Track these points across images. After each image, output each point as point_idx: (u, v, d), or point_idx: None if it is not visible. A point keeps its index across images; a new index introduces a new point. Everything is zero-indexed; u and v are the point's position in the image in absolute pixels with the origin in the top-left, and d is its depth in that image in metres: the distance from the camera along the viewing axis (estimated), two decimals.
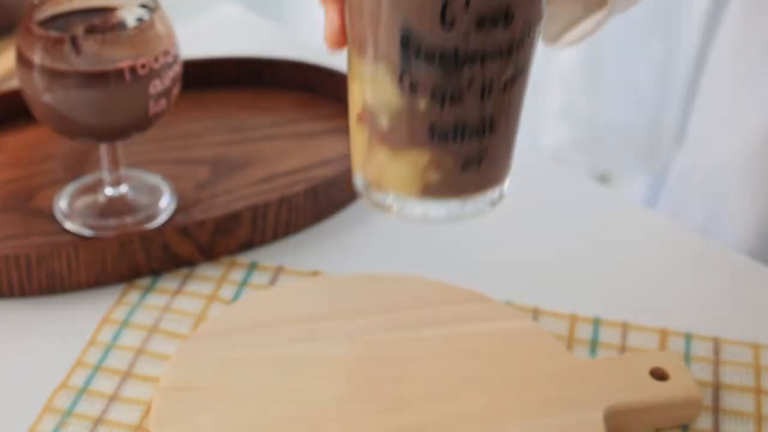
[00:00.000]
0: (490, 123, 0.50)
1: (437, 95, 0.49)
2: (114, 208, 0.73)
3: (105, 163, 0.72)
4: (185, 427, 0.57)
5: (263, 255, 0.72)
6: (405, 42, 0.48)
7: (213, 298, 0.68)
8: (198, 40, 0.93)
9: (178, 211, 0.73)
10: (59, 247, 0.67)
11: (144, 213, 0.72)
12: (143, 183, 0.75)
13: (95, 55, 0.65)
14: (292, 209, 0.73)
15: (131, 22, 0.67)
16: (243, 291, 0.69)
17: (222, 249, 0.71)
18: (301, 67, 0.88)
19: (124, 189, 0.73)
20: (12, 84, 0.87)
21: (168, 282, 0.69)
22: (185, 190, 0.76)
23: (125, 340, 0.65)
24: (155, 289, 0.69)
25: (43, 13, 0.67)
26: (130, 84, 0.66)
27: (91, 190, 0.74)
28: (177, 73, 0.68)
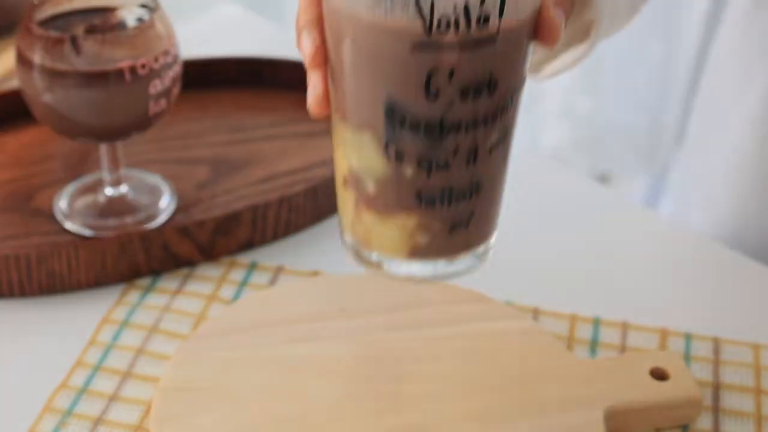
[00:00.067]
0: (476, 186, 0.50)
1: (423, 163, 0.49)
2: (114, 208, 0.73)
3: (105, 163, 0.72)
4: (185, 427, 0.57)
5: (263, 255, 0.72)
6: (390, 112, 0.48)
7: (213, 298, 0.68)
8: (198, 40, 0.93)
9: (178, 211, 0.73)
10: (59, 247, 0.67)
11: (144, 213, 0.72)
12: (143, 183, 0.75)
13: (95, 55, 0.65)
14: (292, 209, 0.73)
15: (131, 22, 0.67)
16: (243, 291, 0.69)
17: (222, 249, 0.71)
18: (301, 67, 0.87)
19: (124, 189, 0.73)
20: (12, 84, 0.87)
21: (168, 282, 0.69)
22: (185, 190, 0.76)
23: (125, 340, 0.65)
24: (155, 289, 0.69)
25: (43, 13, 0.67)
26: (130, 84, 0.66)
27: (91, 190, 0.74)
28: (177, 73, 0.68)
